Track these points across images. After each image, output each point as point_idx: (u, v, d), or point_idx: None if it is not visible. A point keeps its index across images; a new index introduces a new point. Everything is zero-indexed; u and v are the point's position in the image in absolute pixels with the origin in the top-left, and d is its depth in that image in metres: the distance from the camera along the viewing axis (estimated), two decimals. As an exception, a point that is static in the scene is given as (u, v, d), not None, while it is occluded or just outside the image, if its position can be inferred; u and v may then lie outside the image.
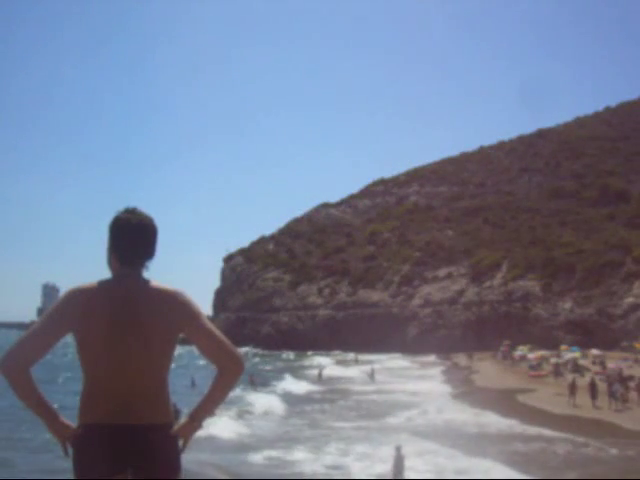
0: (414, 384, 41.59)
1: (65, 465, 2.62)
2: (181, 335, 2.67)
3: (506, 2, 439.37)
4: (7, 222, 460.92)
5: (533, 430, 23.23)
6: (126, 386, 2.51)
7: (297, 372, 53.59)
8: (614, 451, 19.28)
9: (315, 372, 51.30)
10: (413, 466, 16.66)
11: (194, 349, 2.72)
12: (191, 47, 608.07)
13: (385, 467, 16.38)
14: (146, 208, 2.76)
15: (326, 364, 60.24)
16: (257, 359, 73.60)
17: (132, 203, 2.73)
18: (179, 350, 2.98)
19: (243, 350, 75.01)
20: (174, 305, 2.61)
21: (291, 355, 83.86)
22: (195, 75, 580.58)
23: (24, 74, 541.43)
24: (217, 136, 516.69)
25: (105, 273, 2.71)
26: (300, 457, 19.29)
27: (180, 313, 2.61)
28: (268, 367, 61.36)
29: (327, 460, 18.89)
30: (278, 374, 50.95)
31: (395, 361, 65.85)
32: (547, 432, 22.68)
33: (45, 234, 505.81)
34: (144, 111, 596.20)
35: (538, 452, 19.64)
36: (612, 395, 27.41)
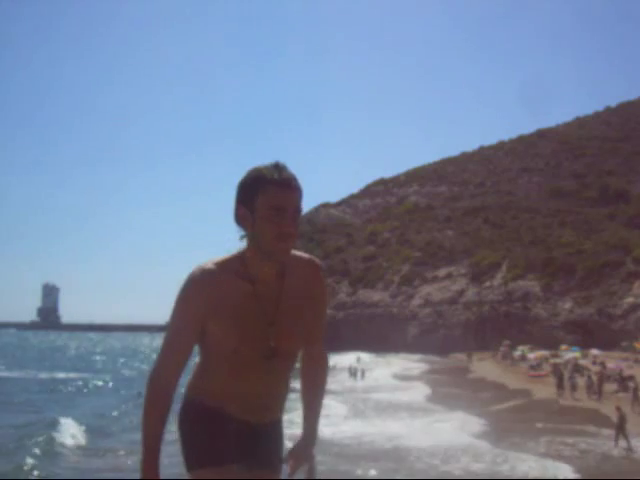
0: (432, 383, 41.32)
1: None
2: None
3: (506, 2, 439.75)
4: (7, 222, 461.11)
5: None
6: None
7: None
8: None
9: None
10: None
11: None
12: (192, 46, 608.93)
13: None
14: (146, 208, 2.80)
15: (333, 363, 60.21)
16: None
17: (132, 203, 2.73)
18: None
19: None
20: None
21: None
22: (194, 75, 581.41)
23: (24, 73, 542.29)
24: (216, 136, 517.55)
25: (107, 272, 2.68)
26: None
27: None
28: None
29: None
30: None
31: (403, 361, 65.66)
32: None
33: (45, 234, 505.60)
34: (144, 111, 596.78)
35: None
36: (589, 388, 30.20)
